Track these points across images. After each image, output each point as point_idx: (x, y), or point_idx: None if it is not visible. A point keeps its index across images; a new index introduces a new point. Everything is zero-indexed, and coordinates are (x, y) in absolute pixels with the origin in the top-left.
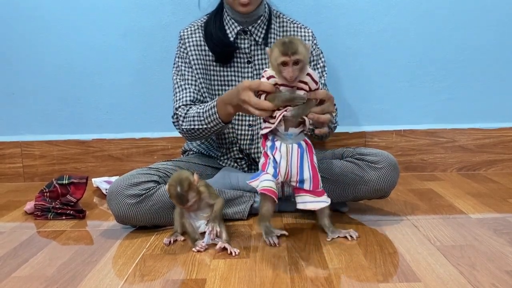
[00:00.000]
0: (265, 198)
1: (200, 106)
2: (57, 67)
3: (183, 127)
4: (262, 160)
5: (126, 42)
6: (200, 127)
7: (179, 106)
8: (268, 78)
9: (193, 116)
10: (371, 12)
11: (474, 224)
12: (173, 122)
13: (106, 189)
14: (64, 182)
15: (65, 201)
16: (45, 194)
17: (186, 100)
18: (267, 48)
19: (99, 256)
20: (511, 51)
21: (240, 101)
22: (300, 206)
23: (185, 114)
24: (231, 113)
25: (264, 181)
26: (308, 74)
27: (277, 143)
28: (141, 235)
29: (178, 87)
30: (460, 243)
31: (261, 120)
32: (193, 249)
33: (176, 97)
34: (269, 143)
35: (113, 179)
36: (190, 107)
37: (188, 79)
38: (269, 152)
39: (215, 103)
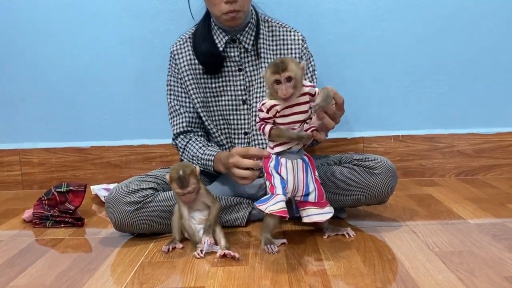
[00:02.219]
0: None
1: (199, 146)
2: (56, 74)
3: (182, 157)
4: (268, 184)
5: (124, 49)
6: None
7: (178, 134)
8: (268, 111)
9: (192, 156)
10: (368, 18)
11: (473, 230)
12: (173, 145)
13: (104, 197)
14: (62, 190)
15: (64, 209)
16: (44, 202)
17: (183, 127)
18: (262, 73)
19: (97, 264)
20: (509, 56)
21: (229, 164)
22: (305, 220)
23: (185, 147)
24: (223, 171)
25: (275, 204)
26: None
27: (282, 160)
28: (140, 242)
29: (174, 111)
30: (459, 249)
31: (256, 127)
32: (194, 253)
33: (173, 121)
34: (272, 163)
35: (112, 186)
36: (190, 139)
37: (182, 100)
38: (273, 171)
39: (212, 158)
